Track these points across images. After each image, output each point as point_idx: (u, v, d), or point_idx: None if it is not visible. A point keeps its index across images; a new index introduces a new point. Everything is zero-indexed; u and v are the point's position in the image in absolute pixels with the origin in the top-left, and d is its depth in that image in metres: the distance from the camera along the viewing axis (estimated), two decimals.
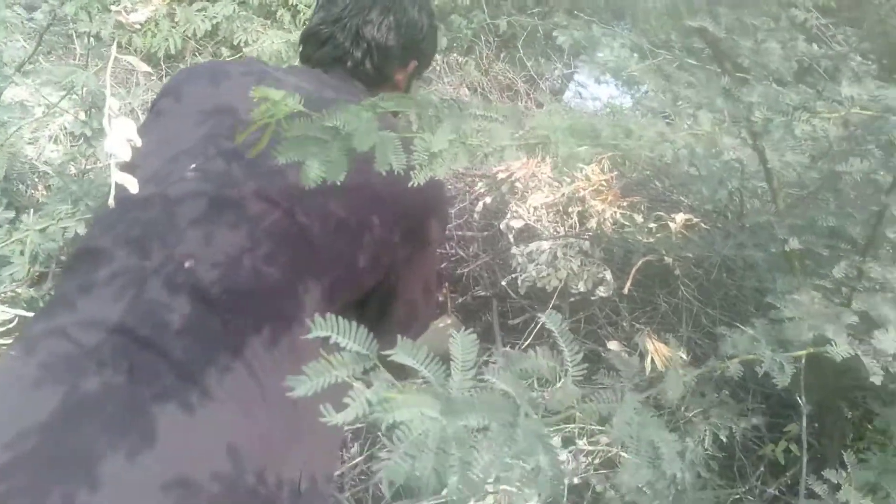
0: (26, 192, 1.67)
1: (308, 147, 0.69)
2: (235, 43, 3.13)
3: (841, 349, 0.78)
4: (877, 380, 0.79)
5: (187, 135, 1.07)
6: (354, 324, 0.56)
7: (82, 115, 1.68)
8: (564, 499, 1.21)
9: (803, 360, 1.14)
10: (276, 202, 0.98)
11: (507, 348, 1.58)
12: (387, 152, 0.68)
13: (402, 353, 0.56)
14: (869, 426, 1.35)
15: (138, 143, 0.76)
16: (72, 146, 1.93)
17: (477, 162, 0.73)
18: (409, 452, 0.47)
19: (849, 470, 0.94)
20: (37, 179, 1.74)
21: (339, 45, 1.25)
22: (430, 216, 1.18)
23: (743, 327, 0.83)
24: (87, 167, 1.74)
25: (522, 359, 0.61)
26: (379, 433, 1.36)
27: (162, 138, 1.08)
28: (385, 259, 1.09)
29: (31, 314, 1.19)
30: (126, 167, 0.75)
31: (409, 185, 0.69)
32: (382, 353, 0.56)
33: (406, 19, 1.29)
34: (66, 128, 1.98)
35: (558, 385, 0.62)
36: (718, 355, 0.80)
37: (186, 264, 0.92)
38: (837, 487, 0.92)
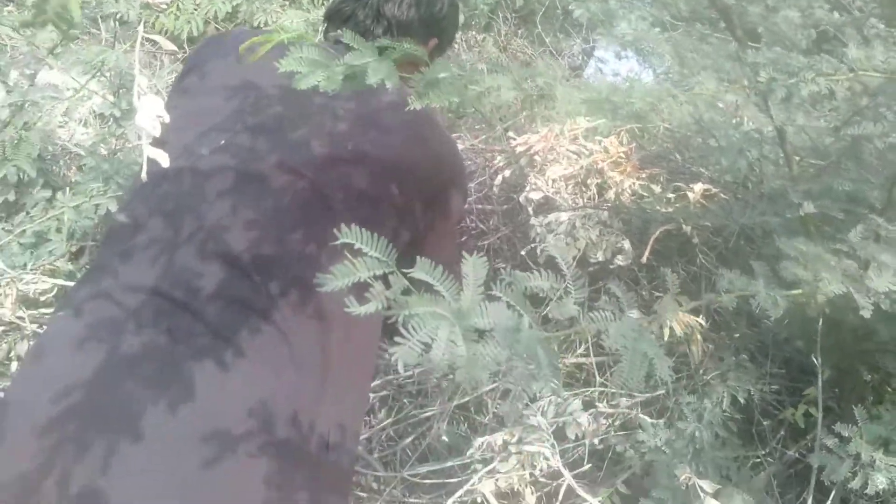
0: (60, 172, 1.73)
1: (308, 62, 0.74)
2: (255, 24, 3.16)
3: (834, 287, 0.81)
4: (866, 313, 0.83)
5: (214, 110, 1.10)
6: (376, 235, 0.61)
7: (110, 97, 1.73)
8: (585, 460, 1.24)
9: (820, 323, 1.15)
10: (299, 173, 1.02)
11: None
12: (379, 69, 0.72)
13: (421, 270, 0.59)
14: (888, 389, 1.36)
15: (167, 119, 0.79)
16: (101, 128, 1.98)
17: (474, 103, 0.77)
18: (422, 340, 0.53)
19: (860, 425, 0.96)
20: (69, 160, 1.80)
21: (359, 22, 1.27)
22: (450, 188, 1.20)
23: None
24: (117, 147, 1.79)
25: (527, 278, 0.65)
26: (405, 400, 1.41)
27: (190, 113, 1.11)
28: (407, 229, 1.12)
29: (70, 283, 1.25)
30: (156, 143, 0.79)
31: (420, 140, 0.71)
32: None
33: None
34: (94, 110, 2.04)
35: (556, 300, 0.66)
36: (714, 291, 0.83)
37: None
38: (849, 441, 0.94)
